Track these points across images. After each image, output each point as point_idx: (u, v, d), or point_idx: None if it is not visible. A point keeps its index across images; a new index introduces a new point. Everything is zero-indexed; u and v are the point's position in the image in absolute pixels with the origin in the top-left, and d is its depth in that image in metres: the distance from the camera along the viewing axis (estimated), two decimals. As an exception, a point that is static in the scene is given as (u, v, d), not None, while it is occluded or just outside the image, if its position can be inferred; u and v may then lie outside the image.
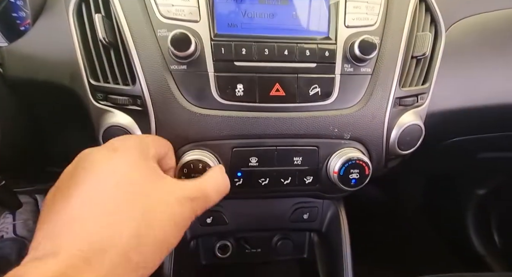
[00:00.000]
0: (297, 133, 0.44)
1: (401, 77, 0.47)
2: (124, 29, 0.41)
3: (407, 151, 0.50)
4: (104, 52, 0.42)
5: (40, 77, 0.45)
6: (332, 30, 0.44)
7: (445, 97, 0.53)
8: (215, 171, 0.37)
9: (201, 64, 0.41)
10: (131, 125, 0.42)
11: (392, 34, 0.46)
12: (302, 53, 0.43)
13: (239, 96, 0.42)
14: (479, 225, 1.08)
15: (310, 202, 0.64)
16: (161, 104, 0.41)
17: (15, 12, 0.58)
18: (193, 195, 0.32)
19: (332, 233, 0.65)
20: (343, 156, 0.44)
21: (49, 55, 0.44)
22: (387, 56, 0.45)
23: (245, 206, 0.62)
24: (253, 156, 0.45)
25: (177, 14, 0.41)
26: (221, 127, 0.42)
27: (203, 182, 0.34)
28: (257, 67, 0.42)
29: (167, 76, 0.41)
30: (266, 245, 0.73)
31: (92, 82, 0.42)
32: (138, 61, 0.41)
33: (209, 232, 0.65)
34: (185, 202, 0.30)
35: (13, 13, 0.59)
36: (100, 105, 0.42)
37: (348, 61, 0.44)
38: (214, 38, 0.41)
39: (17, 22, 0.58)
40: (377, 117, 0.46)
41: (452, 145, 0.64)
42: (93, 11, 0.42)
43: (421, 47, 0.48)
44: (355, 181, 0.45)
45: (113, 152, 0.31)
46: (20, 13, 0.57)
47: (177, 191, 0.31)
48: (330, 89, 0.44)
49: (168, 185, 0.31)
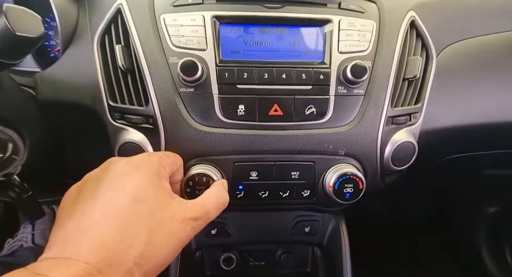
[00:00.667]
0: (294, 149, 0.48)
1: (393, 97, 0.50)
2: (140, 57, 0.46)
3: (402, 167, 0.52)
4: (122, 77, 0.47)
5: (66, 98, 0.51)
6: (327, 55, 0.48)
7: (439, 116, 0.55)
8: (217, 188, 0.41)
9: (207, 87, 0.46)
10: (144, 141, 0.47)
11: (383, 59, 0.50)
12: (298, 77, 0.47)
13: (241, 115, 0.46)
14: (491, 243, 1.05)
15: (311, 215, 0.66)
16: (170, 123, 0.46)
17: (46, 41, 0.66)
18: (196, 215, 0.34)
19: (333, 247, 0.66)
20: (338, 171, 0.47)
21: (75, 79, 0.50)
22: (378, 78, 0.49)
23: (248, 219, 0.65)
24: (254, 170, 0.48)
25: (187, 43, 0.46)
26: (224, 144, 0.46)
27: (205, 201, 0.38)
28: (257, 89, 0.46)
29: (176, 98, 0.46)
30: (270, 258, 0.74)
31: (111, 103, 0.47)
32: (151, 84, 0.46)
33: (213, 243, 0.67)
34: (187, 224, 0.33)
35: (45, 42, 0.67)
36: (117, 124, 0.47)
37: (341, 83, 0.48)
38: (219, 64, 0.46)
39: (48, 50, 0.65)
40: (370, 134, 0.49)
41: (451, 161, 0.66)
42: (115, 41, 0.48)
43: (412, 70, 0.51)
44: (350, 195, 0.47)
45: (134, 169, 0.34)
46: (51, 42, 0.65)
47: (181, 213, 0.33)
48: (324, 109, 0.48)
49: (174, 206, 0.33)
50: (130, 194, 0.31)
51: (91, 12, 0.52)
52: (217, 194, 0.40)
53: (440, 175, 0.79)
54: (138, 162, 0.36)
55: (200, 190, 0.45)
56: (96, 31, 0.49)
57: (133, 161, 0.36)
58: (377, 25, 0.50)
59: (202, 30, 0.46)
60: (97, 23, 0.49)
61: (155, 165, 0.36)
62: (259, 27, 0.48)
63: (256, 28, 0.48)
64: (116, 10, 0.48)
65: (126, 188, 0.32)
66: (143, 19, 0.47)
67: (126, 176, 0.33)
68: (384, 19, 0.51)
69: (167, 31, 0.47)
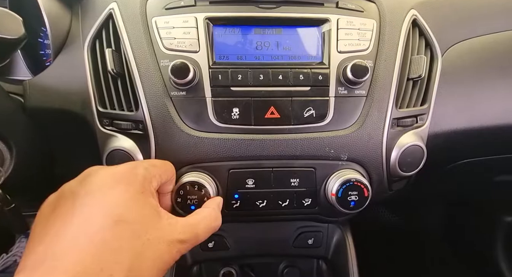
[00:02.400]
0: (293, 154, 0.45)
1: (397, 98, 0.47)
2: (131, 60, 0.44)
3: (410, 173, 0.49)
4: (112, 82, 0.46)
5: (55, 105, 0.49)
6: (326, 55, 0.46)
7: (448, 118, 0.53)
8: (212, 209, 0.37)
9: (199, 90, 0.44)
10: (133, 148, 0.44)
11: (385, 58, 0.47)
12: (296, 78, 0.45)
13: (235, 119, 0.44)
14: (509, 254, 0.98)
15: (314, 226, 0.62)
16: (161, 128, 0.44)
17: (42, 50, 0.65)
18: (184, 238, 0.31)
19: (339, 261, 0.62)
20: (341, 177, 0.44)
21: (65, 86, 0.49)
22: (381, 78, 0.46)
23: (247, 231, 0.61)
24: (250, 177, 0.45)
25: (179, 46, 0.45)
26: (217, 149, 0.44)
27: (197, 222, 0.34)
28: (252, 91, 0.44)
29: (167, 102, 0.44)
30: (272, 273, 0.70)
31: (100, 109, 0.45)
32: (142, 88, 0.44)
33: (211, 257, 0.63)
34: (174, 246, 0.30)
35: (41, 51, 0.66)
36: (106, 130, 0.45)
37: (341, 84, 0.45)
38: (212, 66, 0.44)
39: (44, 59, 0.65)
40: (374, 137, 0.45)
41: (462, 167, 0.62)
42: (105, 46, 0.46)
43: (417, 69, 0.48)
44: (354, 204, 0.44)
45: (116, 183, 0.30)
46: (47, 51, 0.64)
47: (168, 234, 0.30)
48: (324, 111, 0.45)
49: (161, 226, 0.30)
50: (110, 213, 0.28)
51: (83, 18, 0.51)
52: (211, 216, 0.36)
53: (451, 181, 0.75)
54: (120, 174, 0.32)
55: (192, 200, 0.42)
56: (87, 36, 0.47)
57: (115, 173, 0.32)
58: (378, 24, 0.48)
59: (195, 31, 0.45)
60: (89, 28, 0.48)
61: (140, 179, 0.32)
62: (254, 28, 0.47)
63: (250, 29, 0.46)
64: (108, 15, 0.47)
65: (105, 205, 0.28)
66: (134, 23, 0.46)
67: (107, 190, 0.30)
68: (384, 18, 0.49)
69: (159, 34, 0.45)
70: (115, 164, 0.44)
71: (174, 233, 0.31)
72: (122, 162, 0.44)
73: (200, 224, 0.34)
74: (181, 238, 0.31)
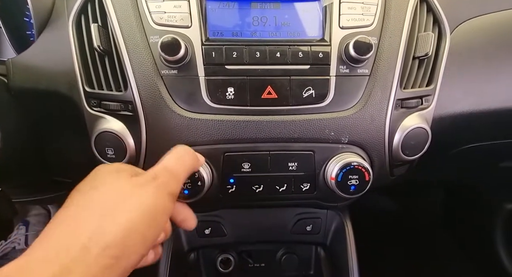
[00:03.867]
0: (291, 137, 0.42)
1: (402, 78, 0.45)
2: (118, 36, 0.42)
3: (413, 157, 0.47)
4: (99, 60, 0.43)
5: (41, 86, 0.46)
6: (327, 31, 0.43)
7: (454, 100, 0.50)
8: (176, 148, 0.35)
9: (191, 69, 0.41)
10: (123, 130, 0.42)
11: (391, 34, 0.44)
12: (294, 55, 0.42)
13: (230, 99, 0.41)
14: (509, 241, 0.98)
15: (313, 213, 0.60)
16: (151, 109, 0.41)
17: (29, 30, 0.62)
18: (154, 174, 0.30)
19: (338, 247, 0.61)
20: (341, 161, 0.42)
21: (50, 65, 0.46)
22: (385, 56, 0.44)
23: (244, 217, 0.60)
24: (246, 161, 0.43)
25: (169, 20, 0.42)
26: (211, 132, 0.42)
27: (162, 160, 0.33)
28: (248, 70, 0.41)
29: (158, 81, 0.41)
30: (270, 260, 0.69)
31: (87, 89, 0.43)
32: (130, 66, 0.41)
33: (208, 243, 0.62)
34: (146, 184, 0.29)
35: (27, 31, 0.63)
36: (94, 112, 0.43)
37: (343, 62, 0.43)
38: (205, 43, 0.41)
39: (31, 40, 0.61)
40: (377, 119, 0.43)
41: (467, 152, 0.60)
42: (91, 21, 0.43)
43: (423, 47, 0.45)
44: (355, 188, 0.42)
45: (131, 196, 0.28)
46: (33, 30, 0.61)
47: (134, 180, 0.29)
48: (324, 91, 0.42)
49: (127, 180, 0.29)
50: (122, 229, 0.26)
51: (68, -8, 0.48)
52: (177, 151, 0.34)
53: (454, 167, 0.73)
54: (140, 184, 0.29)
55: (185, 184, 0.40)
56: (71, 10, 0.44)
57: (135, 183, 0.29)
58: None
59: (186, 5, 0.41)
60: (74, 2, 0.45)
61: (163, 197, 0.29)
62: (250, 2, 0.43)
63: (246, 3, 0.43)
64: None
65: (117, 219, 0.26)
66: (122, -5, 0.42)
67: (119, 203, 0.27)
68: (390, -8, 0.45)
69: (148, 8, 0.42)
70: (104, 147, 0.43)
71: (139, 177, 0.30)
72: (112, 144, 0.42)
73: (166, 158, 0.33)
74: (150, 176, 0.30)
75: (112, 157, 0.42)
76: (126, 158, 0.43)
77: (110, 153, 0.42)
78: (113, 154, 0.42)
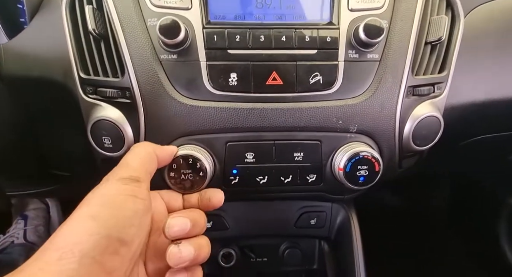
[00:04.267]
0: (297, 125, 0.40)
1: (414, 64, 0.43)
2: (114, 19, 0.39)
3: (424, 147, 0.45)
4: (94, 45, 0.41)
5: (34, 73, 0.44)
6: (335, 14, 0.41)
7: (466, 88, 0.48)
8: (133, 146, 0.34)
9: (192, 53, 0.39)
10: (120, 119, 0.40)
11: (402, 18, 0.42)
12: (301, 39, 0.40)
13: (233, 86, 0.39)
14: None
15: (317, 206, 0.58)
16: (150, 96, 0.39)
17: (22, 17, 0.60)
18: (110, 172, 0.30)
19: (343, 241, 0.59)
20: (349, 150, 0.40)
21: (43, 50, 0.44)
22: (396, 40, 0.41)
23: (247, 210, 0.58)
24: (249, 151, 0.41)
25: (168, 2, 0.39)
26: (213, 120, 0.39)
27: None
28: (252, 54, 0.39)
29: (157, 66, 0.39)
30: (272, 254, 0.68)
31: (82, 76, 0.41)
32: (127, 51, 0.39)
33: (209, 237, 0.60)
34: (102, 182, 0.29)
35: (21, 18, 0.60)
36: (89, 99, 0.41)
37: (352, 46, 0.40)
38: (206, 26, 0.39)
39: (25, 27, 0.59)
40: (387, 107, 0.41)
41: (476, 144, 0.58)
42: (85, 2, 0.41)
43: (436, 31, 0.43)
44: (364, 179, 0.40)
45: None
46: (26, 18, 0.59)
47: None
48: (332, 77, 0.40)
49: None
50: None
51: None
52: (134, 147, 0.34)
53: (462, 160, 0.71)
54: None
55: (186, 174, 0.38)
56: (65, -8, 0.42)
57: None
58: None
59: (186, -15, 0.39)
60: (67, -17, 0.42)
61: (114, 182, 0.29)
62: (254, -18, 0.41)
63: (250, -16, 0.41)
64: None
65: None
66: (118, -25, 0.40)
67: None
68: (401, -27, 0.43)
69: (145, -12, 0.39)
70: (101, 136, 0.41)
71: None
72: (109, 133, 0.40)
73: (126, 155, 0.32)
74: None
75: (110, 146, 0.40)
76: (123, 148, 0.41)
77: (107, 143, 0.40)
78: (110, 143, 0.40)
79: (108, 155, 0.41)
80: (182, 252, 0.29)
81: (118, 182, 0.28)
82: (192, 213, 0.33)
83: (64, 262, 0.22)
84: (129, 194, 0.27)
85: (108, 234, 0.24)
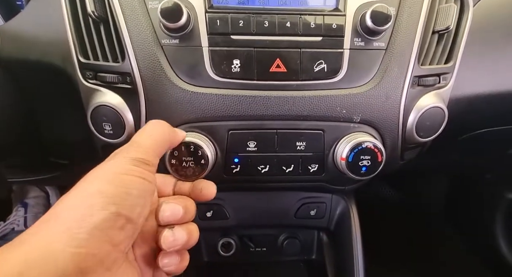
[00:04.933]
0: (300, 114, 0.40)
1: (420, 53, 0.42)
2: (114, 2, 0.38)
3: (427, 139, 0.44)
4: (94, 28, 0.40)
5: (32, 57, 0.43)
6: (341, 0, 0.40)
7: (472, 80, 0.47)
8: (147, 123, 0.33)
9: (194, 38, 0.38)
10: (121, 105, 0.39)
11: (410, 5, 0.41)
12: (306, 26, 0.39)
13: (236, 72, 0.38)
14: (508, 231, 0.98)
15: (317, 197, 0.58)
16: (151, 82, 0.38)
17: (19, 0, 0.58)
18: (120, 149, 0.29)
19: (342, 232, 0.59)
20: (352, 140, 0.39)
21: (41, 33, 0.43)
22: (403, 29, 0.40)
23: (247, 200, 0.58)
24: (251, 140, 0.41)
25: (170, -16, 0.38)
26: (215, 107, 0.39)
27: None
28: (255, 40, 0.38)
29: (158, 51, 0.38)
30: (271, 244, 0.68)
31: (82, 60, 0.40)
32: (128, 35, 0.38)
33: (209, 226, 0.61)
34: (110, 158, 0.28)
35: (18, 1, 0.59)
36: (89, 84, 0.40)
37: (358, 34, 0.39)
38: (209, 10, 0.38)
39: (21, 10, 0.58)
40: (392, 97, 0.40)
41: (478, 137, 0.57)
42: (84, -16, 0.40)
43: (444, 20, 0.42)
44: (366, 169, 0.40)
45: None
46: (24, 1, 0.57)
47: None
48: (337, 65, 0.39)
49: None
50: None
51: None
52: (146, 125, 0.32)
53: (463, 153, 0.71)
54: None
55: (187, 162, 0.37)
56: (63, -28, 0.40)
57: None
58: None
59: (188, -33, 0.38)
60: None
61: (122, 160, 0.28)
62: (258, -34, 0.39)
63: (254, -33, 0.39)
64: None
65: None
66: (118, -45, 0.39)
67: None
68: (410, -42, 0.42)
69: (146, -30, 0.38)
70: (101, 122, 0.40)
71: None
72: (109, 120, 0.40)
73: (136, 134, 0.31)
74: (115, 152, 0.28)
75: (110, 132, 0.40)
76: (124, 135, 0.40)
77: (107, 129, 0.40)
78: (110, 130, 0.40)
79: (108, 141, 0.41)
80: (176, 236, 0.30)
81: (128, 162, 0.27)
82: (184, 200, 0.33)
83: (75, 231, 0.22)
84: (137, 176, 0.27)
85: (117, 211, 0.24)
